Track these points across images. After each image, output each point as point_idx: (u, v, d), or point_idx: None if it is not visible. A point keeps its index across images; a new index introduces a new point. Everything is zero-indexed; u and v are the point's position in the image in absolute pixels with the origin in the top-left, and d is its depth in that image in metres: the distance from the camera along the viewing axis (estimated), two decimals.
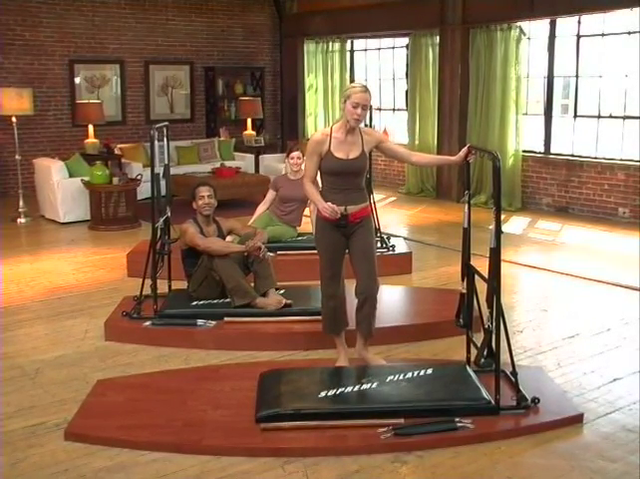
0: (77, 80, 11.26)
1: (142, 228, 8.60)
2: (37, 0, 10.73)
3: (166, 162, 5.62)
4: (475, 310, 4.13)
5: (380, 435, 3.55)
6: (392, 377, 4.03)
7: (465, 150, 4.04)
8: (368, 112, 4.20)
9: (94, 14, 11.24)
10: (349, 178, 4.11)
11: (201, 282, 5.19)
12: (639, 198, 8.73)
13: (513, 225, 8.93)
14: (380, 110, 12.04)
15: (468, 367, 4.17)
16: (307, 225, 6.84)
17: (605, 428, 3.72)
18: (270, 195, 6.95)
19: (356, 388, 3.92)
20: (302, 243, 6.56)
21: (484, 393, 3.84)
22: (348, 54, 12.38)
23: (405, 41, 11.25)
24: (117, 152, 10.40)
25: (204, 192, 5.25)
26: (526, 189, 9.91)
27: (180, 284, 5.55)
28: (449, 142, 10.45)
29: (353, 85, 4.14)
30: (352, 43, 12.39)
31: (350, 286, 4.31)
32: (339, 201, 4.07)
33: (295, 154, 6.81)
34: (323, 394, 3.85)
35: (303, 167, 6.62)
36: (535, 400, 3.80)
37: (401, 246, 7.08)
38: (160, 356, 4.72)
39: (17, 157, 9.26)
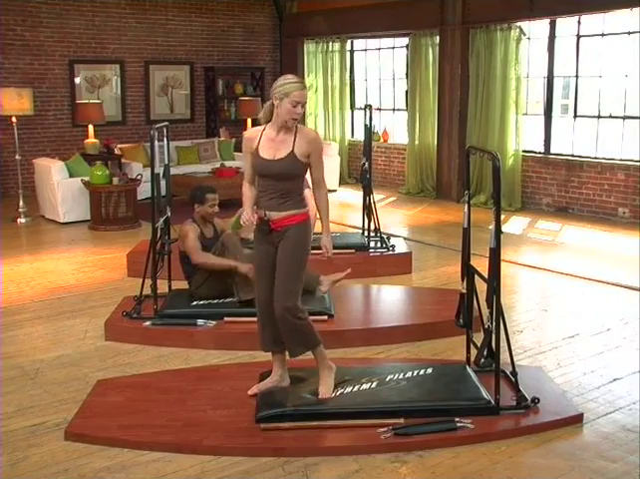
0: (77, 80, 11.26)
1: (142, 228, 8.60)
2: (37, 0, 10.72)
3: (166, 162, 5.62)
4: (475, 310, 4.14)
5: (380, 435, 3.55)
6: (392, 377, 4.04)
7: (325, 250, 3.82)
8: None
9: (94, 14, 11.23)
10: (273, 181, 3.71)
11: (204, 281, 5.20)
12: (639, 198, 8.73)
13: (513, 225, 8.93)
14: (380, 110, 12.04)
15: (468, 367, 4.18)
16: None
17: (605, 428, 3.72)
18: None
19: (356, 388, 3.92)
20: None
21: (484, 393, 3.84)
22: (348, 54, 12.37)
23: (405, 41, 11.25)
24: (117, 152, 10.41)
25: (215, 199, 5.35)
26: (526, 189, 9.91)
27: (180, 284, 5.55)
28: (448, 142, 10.45)
29: (289, 80, 3.64)
30: (352, 43, 12.39)
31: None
32: (263, 203, 3.75)
33: None
34: None
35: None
36: (535, 400, 3.80)
37: (401, 246, 7.08)
38: (160, 356, 4.72)
39: (17, 157, 9.26)
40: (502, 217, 5.11)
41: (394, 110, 12.00)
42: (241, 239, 5.38)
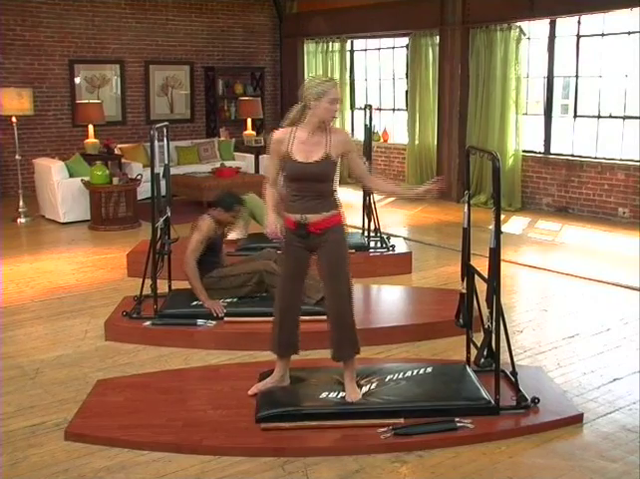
0: (77, 80, 11.26)
1: (142, 228, 8.60)
2: (37, 0, 10.73)
3: (166, 162, 5.62)
4: (475, 310, 4.14)
5: (380, 435, 3.55)
6: (392, 377, 4.04)
7: (432, 183, 3.81)
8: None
9: (94, 14, 11.24)
10: (309, 184, 3.63)
11: (219, 284, 5.19)
12: (639, 198, 8.73)
13: (513, 225, 8.93)
14: (380, 110, 12.04)
15: (467, 367, 4.18)
16: None
17: (605, 428, 3.72)
18: None
19: None
20: None
21: (484, 393, 3.84)
22: (348, 54, 12.38)
23: (405, 41, 11.25)
24: (117, 152, 10.41)
25: (239, 212, 5.40)
26: (526, 189, 9.91)
27: (181, 284, 5.55)
28: (448, 142, 10.45)
29: (322, 79, 3.62)
30: (352, 43, 12.39)
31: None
32: (298, 208, 3.65)
33: None
34: (324, 395, 3.86)
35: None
36: (535, 400, 3.80)
37: (401, 246, 7.08)
38: (160, 356, 4.72)
39: (17, 157, 9.26)
40: (502, 217, 5.10)
41: (394, 110, 12.00)
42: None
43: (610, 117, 9.47)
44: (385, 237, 7.04)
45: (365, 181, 3.87)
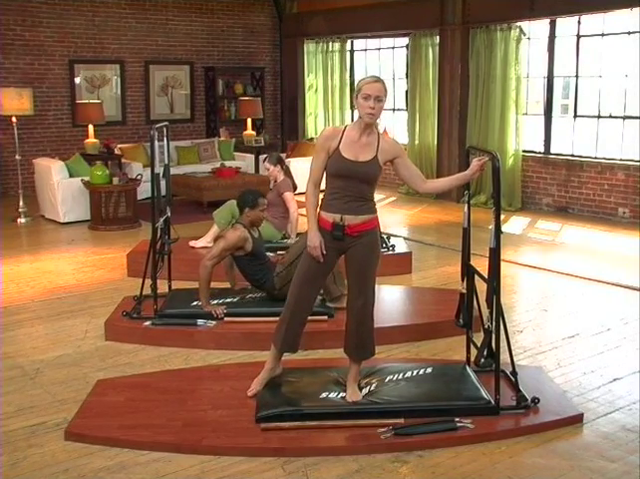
0: (77, 80, 11.26)
1: (142, 228, 8.60)
2: (37, 0, 10.73)
3: (166, 162, 5.62)
4: (475, 310, 4.14)
5: (380, 435, 3.55)
6: (392, 377, 4.05)
7: (476, 162, 3.68)
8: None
9: (94, 14, 11.24)
10: (354, 183, 3.59)
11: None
12: (639, 198, 8.73)
13: (513, 225, 8.93)
14: None
15: (467, 367, 4.18)
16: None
17: (605, 428, 3.72)
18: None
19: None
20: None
21: (484, 393, 3.84)
22: (348, 54, 12.38)
23: (405, 41, 11.26)
24: (117, 152, 10.41)
25: (264, 204, 5.23)
26: (526, 189, 9.91)
27: (181, 284, 5.55)
28: (448, 142, 10.45)
29: (364, 77, 3.64)
30: (352, 43, 12.39)
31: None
32: (336, 207, 3.62)
33: (265, 164, 6.69)
34: (324, 395, 3.86)
35: (277, 178, 6.58)
36: (535, 400, 3.80)
37: (401, 246, 7.08)
38: (160, 356, 4.72)
39: (17, 157, 9.26)
40: (502, 217, 5.11)
41: (394, 110, 11.99)
42: None
43: (610, 117, 9.47)
44: (385, 236, 7.03)
45: (417, 182, 3.73)
